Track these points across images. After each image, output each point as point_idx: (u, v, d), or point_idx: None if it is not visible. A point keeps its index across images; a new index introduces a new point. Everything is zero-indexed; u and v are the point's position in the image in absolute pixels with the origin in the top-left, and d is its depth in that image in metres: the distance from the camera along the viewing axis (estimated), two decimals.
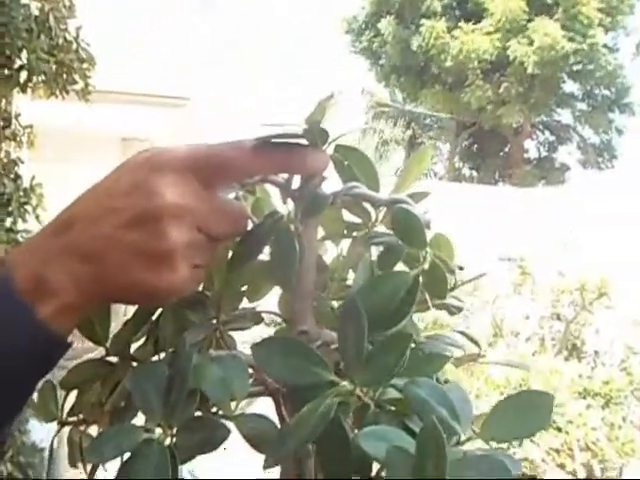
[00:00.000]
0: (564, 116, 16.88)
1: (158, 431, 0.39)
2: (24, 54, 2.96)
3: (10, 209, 3.21)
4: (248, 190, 0.50)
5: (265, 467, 0.37)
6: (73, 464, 0.52)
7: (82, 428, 0.52)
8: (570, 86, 16.09)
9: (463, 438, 0.37)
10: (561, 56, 13.57)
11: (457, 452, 0.35)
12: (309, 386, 0.38)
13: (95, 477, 0.47)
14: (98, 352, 0.53)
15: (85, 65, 3.41)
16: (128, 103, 6.65)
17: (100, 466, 0.43)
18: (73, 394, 0.53)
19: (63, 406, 0.53)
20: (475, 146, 16.96)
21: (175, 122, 7.25)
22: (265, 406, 0.47)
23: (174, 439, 0.39)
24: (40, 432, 3.36)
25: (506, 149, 16.81)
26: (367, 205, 0.49)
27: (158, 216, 0.40)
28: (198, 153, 0.42)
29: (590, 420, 2.88)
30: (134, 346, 0.51)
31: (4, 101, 3.23)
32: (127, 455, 0.38)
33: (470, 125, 15.94)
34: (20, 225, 3.30)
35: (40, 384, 0.48)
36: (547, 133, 17.32)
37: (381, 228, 0.50)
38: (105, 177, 0.43)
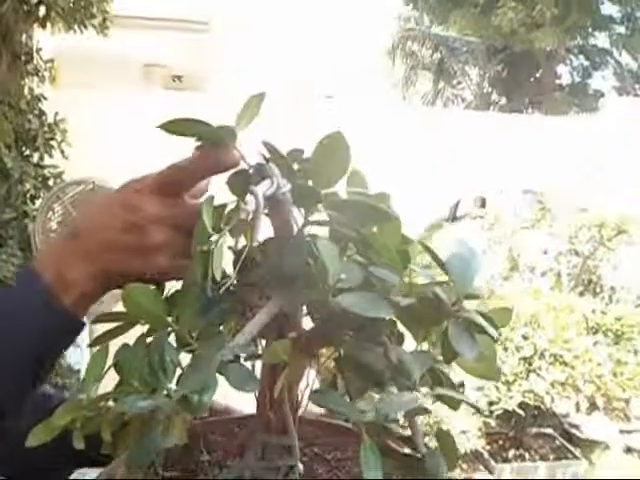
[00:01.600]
0: (600, 40, 16.06)
1: None
2: None
3: (36, 145, 3.29)
4: None
5: None
6: None
7: None
8: (609, 8, 15.20)
9: None
10: None
11: None
12: None
13: None
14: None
15: None
16: (149, 29, 6.54)
17: None
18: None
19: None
20: (505, 71, 16.28)
21: (196, 47, 7.13)
22: None
23: None
24: (75, 355, 3.59)
25: (538, 75, 16.13)
26: None
27: (142, 223, 0.56)
28: (161, 176, 0.57)
29: (597, 356, 2.97)
30: None
31: (24, 36, 3.23)
32: None
33: (501, 49, 15.26)
34: (47, 160, 3.39)
35: None
36: (581, 58, 16.51)
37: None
38: (100, 201, 0.61)
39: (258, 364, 0.62)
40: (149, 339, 0.56)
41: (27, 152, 3.26)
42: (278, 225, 0.57)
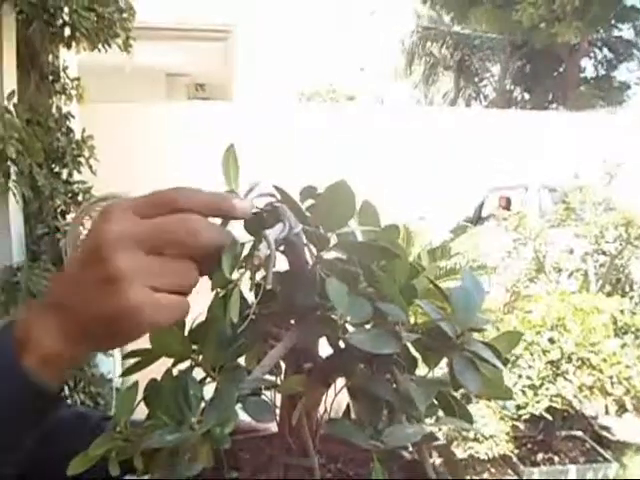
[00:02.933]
0: (625, 32, 15.77)
1: None
2: (66, 11, 3.04)
3: (65, 162, 3.39)
4: None
5: None
6: None
7: None
8: None
9: None
10: None
11: None
12: None
13: None
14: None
15: (125, 15, 3.46)
16: (171, 39, 6.64)
17: None
18: None
19: None
20: (527, 67, 16.12)
21: (218, 55, 7.22)
22: None
23: None
24: (107, 365, 3.67)
25: (561, 69, 15.92)
26: None
27: (100, 248, 0.46)
28: (140, 198, 0.49)
29: (625, 358, 2.94)
30: None
31: (51, 56, 3.33)
32: None
33: (522, 45, 15.11)
34: (76, 176, 3.49)
35: None
36: (605, 50, 16.25)
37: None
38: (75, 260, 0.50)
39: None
40: (175, 371, 0.61)
41: (56, 169, 3.35)
42: (292, 262, 0.60)
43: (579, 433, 3.53)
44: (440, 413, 0.60)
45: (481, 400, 2.83)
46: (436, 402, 0.59)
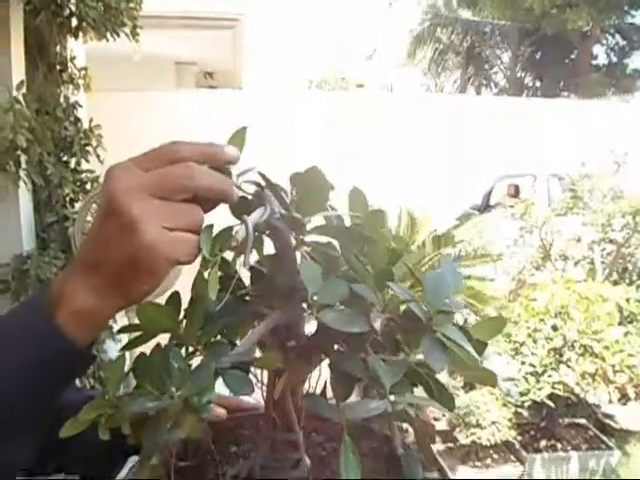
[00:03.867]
0: (638, 18, 15.58)
1: None
2: (73, 1, 3.06)
3: (73, 151, 3.42)
4: None
5: None
6: None
7: None
8: None
9: None
10: None
11: None
12: None
13: None
14: None
15: (132, 4, 3.48)
16: (179, 27, 6.64)
17: None
18: None
19: None
20: (538, 54, 15.95)
21: (227, 43, 7.21)
22: None
23: None
24: (115, 350, 3.73)
25: (572, 56, 15.75)
26: None
27: (113, 202, 0.50)
28: (139, 155, 0.54)
29: (628, 346, 2.95)
30: None
31: (59, 46, 3.36)
32: None
33: (533, 32, 14.93)
34: (84, 165, 3.53)
35: None
36: (618, 37, 16.03)
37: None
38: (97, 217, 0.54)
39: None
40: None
41: (65, 158, 3.39)
42: (277, 245, 0.63)
43: (582, 421, 3.55)
44: (419, 394, 0.63)
45: (484, 387, 2.86)
46: (416, 385, 0.62)
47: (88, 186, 3.44)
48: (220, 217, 0.65)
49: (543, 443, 3.29)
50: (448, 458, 3.07)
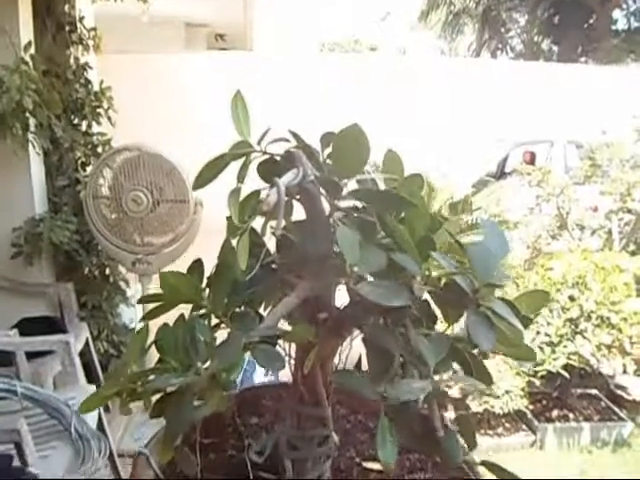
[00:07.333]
0: None
1: None
2: None
3: (84, 113, 3.37)
4: None
5: None
6: None
7: None
8: None
9: None
10: None
11: None
12: None
13: None
14: None
15: None
16: None
17: None
18: None
19: None
20: (556, 18, 15.47)
21: (238, 4, 7.05)
22: None
23: None
24: (128, 314, 3.75)
25: (591, 20, 15.27)
26: None
27: None
28: None
29: None
30: None
31: (67, 6, 3.28)
32: None
33: None
34: (95, 128, 3.48)
35: None
36: (638, 1, 15.52)
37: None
38: None
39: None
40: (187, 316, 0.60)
41: (76, 121, 3.34)
42: (309, 211, 0.59)
43: (594, 391, 3.53)
44: (457, 368, 0.59)
45: (497, 355, 2.83)
46: (453, 359, 0.58)
47: (100, 149, 3.40)
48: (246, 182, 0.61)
49: (555, 413, 3.29)
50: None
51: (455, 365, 0.59)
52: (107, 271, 3.41)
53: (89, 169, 3.30)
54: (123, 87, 3.76)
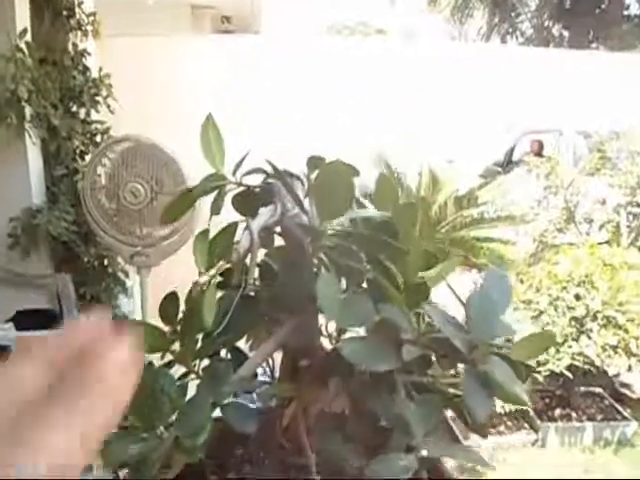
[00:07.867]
0: None
1: None
2: None
3: (82, 100, 3.30)
4: None
5: None
6: None
7: None
8: None
9: None
10: None
11: None
12: None
13: None
14: None
15: None
16: None
17: None
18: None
19: None
20: (567, 3, 15.20)
21: None
22: None
23: None
24: (127, 305, 3.72)
25: (602, 6, 15.00)
26: None
27: None
28: None
29: None
30: None
31: None
32: None
33: None
34: (94, 115, 3.41)
35: None
36: None
37: None
38: None
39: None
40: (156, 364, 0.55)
41: (74, 109, 3.27)
42: (290, 249, 0.53)
43: (598, 390, 3.48)
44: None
45: None
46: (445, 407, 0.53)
47: (98, 138, 3.34)
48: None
49: (558, 412, 3.24)
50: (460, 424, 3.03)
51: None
52: (106, 262, 3.37)
53: (88, 158, 3.24)
54: (125, 71, 3.69)
